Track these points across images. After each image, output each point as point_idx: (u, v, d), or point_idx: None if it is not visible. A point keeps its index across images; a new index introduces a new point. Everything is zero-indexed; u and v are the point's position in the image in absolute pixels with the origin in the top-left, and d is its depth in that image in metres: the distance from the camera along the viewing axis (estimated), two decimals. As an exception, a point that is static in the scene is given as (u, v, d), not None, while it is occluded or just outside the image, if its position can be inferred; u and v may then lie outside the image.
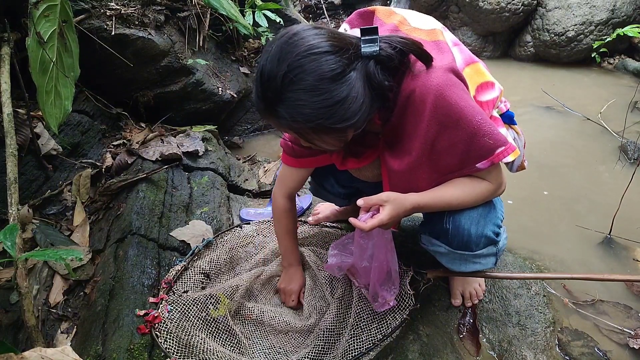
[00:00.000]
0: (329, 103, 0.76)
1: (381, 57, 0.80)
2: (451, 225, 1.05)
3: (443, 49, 0.92)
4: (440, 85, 0.85)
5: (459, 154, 0.92)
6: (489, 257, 1.12)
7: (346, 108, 0.78)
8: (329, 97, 0.76)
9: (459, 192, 0.98)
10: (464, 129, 0.88)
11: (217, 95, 2.44)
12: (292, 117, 0.79)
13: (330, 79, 0.76)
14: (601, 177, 2.18)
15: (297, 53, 0.76)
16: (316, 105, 0.76)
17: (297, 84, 0.76)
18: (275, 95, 0.78)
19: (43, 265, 1.42)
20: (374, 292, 1.12)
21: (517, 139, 1.19)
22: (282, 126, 0.84)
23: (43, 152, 1.66)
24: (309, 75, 0.75)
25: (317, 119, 0.78)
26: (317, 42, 0.77)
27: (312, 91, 0.76)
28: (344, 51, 0.77)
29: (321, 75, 0.75)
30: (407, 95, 0.88)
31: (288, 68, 0.75)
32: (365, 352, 1.11)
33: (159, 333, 1.14)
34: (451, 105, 0.86)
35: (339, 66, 0.76)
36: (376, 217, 0.91)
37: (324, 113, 0.77)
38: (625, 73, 3.66)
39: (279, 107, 0.79)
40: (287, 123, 0.81)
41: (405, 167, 0.97)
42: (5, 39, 1.54)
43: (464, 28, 4.37)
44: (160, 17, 2.14)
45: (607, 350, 1.26)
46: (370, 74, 0.80)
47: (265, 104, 0.81)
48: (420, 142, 0.92)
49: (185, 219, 1.62)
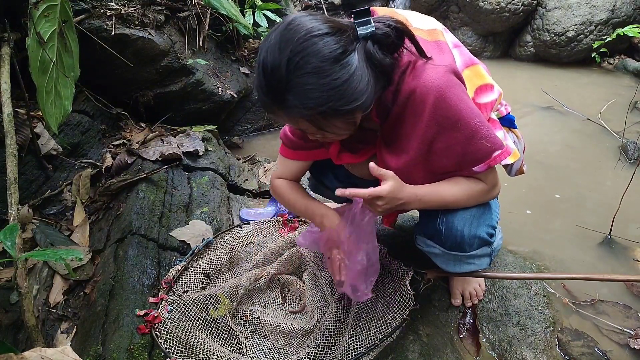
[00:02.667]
0: (337, 84, 0.76)
1: (378, 36, 0.80)
2: (444, 226, 1.05)
3: (443, 49, 0.92)
4: (441, 87, 0.85)
5: (456, 155, 0.92)
6: (483, 257, 1.12)
7: (354, 87, 0.77)
8: (336, 77, 0.76)
9: (454, 190, 0.98)
10: (462, 131, 0.88)
11: (217, 95, 2.44)
12: (303, 104, 0.78)
13: (334, 60, 0.75)
14: (601, 177, 2.18)
15: (297, 38, 0.75)
16: (325, 87, 0.76)
17: (303, 68, 0.75)
18: (282, 85, 0.77)
19: (43, 265, 1.42)
20: (353, 284, 1.06)
21: (517, 142, 1.19)
22: (292, 117, 0.82)
23: (43, 152, 1.66)
24: (313, 58, 0.75)
25: (327, 101, 0.77)
26: (315, 25, 0.77)
27: (319, 73, 0.75)
28: (342, 32, 0.78)
29: (325, 56, 0.75)
30: (407, 95, 0.88)
31: (291, 54, 0.75)
32: (365, 352, 1.11)
33: (159, 333, 1.14)
34: (451, 107, 0.86)
35: (340, 46, 0.76)
36: (378, 187, 0.89)
37: (333, 94, 0.76)
38: (625, 73, 3.66)
39: (288, 95, 0.78)
40: (298, 112, 0.79)
41: (401, 166, 0.97)
42: (5, 39, 1.54)
43: (464, 28, 4.37)
44: (160, 17, 2.15)
45: (607, 350, 1.26)
46: (370, 53, 0.80)
47: (272, 97, 0.80)
48: (417, 142, 0.92)
49: (185, 219, 1.62)
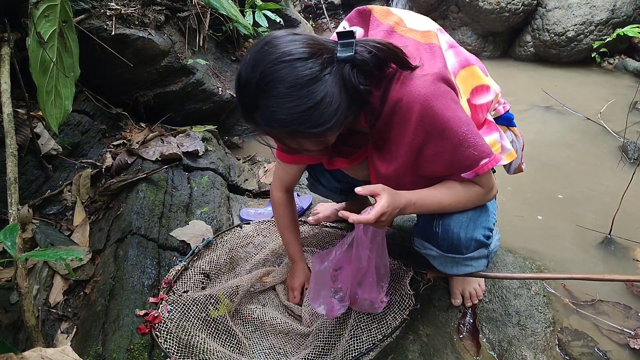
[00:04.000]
0: (302, 109, 0.77)
1: (357, 61, 0.81)
2: (440, 228, 1.05)
3: (435, 53, 0.91)
4: (427, 95, 0.85)
5: (444, 163, 0.92)
6: (480, 259, 1.12)
7: (320, 113, 0.78)
8: (302, 103, 0.76)
9: (450, 193, 0.98)
10: (449, 140, 0.88)
11: (217, 95, 2.44)
12: (267, 124, 0.80)
13: (302, 85, 0.76)
14: (601, 177, 2.18)
15: (268, 61, 0.77)
16: (290, 111, 0.77)
17: (269, 92, 0.77)
18: (250, 102, 0.80)
19: (43, 265, 1.42)
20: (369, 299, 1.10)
21: (516, 141, 1.18)
22: (260, 131, 0.86)
23: (43, 152, 1.66)
24: (281, 83, 0.76)
25: (291, 124, 0.78)
26: (289, 49, 0.77)
27: (284, 97, 0.76)
28: (317, 56, 0.78)
29: (293, 82, 0.76)
30: (394, 103, 0.88)
31: (260, 76, 0.77)
32: (365, 352, 1.11)
33: (159, 333, 1.14)
34: (437, 115, 0.86)
35: (312, 72, 0.77)
36: (376, 205, 0.89)
37: (297, 118, 0.78)
38: (625, 73, 3.66)
39: (254, 114, 0.81)
40: (264, 129, 0.83)
41: (391, 172, 0.98)
42: (5, 39, 1.54)
43: (464, 28, 4.37)
44: (160, 17, 2.15)
45: (607, 350, 1.26)
46: (345, 78, 0.80)
47: (243, 110, 0.84)
48: (405, 150, 0.92)
49: (185, 219, 1.62)
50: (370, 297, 1.09)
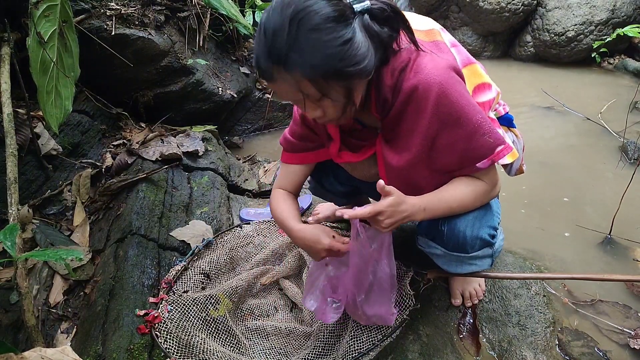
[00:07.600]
0: (339, 42, 0.76)
1: (374, 10, 0.81)
2: (446, 227, 1.05)
3: (442, 49, 0.92)
4: (443, 83, 0.85)
5: (459, 152, 0.92)
6: (485, 258, 1.12)
7: (355, 49, 0.77)
8: (338, 36, 0.76)
9: (457, 194, 0.98)
10: (464, 127, 0.89)
11: (217, 95, 2.44)
12: (306, 62, 0.76)
13: (335, 19, 0.76)
14: (601, 177, 2.18)
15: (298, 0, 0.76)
16: (327, 44, 0.76)
17: (306, 24, 0.75)
18: (284, 44, 0.76)
19: (43, 265, 1.42)
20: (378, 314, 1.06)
21: (516, 142, 1.19)
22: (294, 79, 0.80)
23: (43, 152, 1.66)
24: (316, 15, 0.75)
25: (331, 60, 0.76)
26: None
27: (322, 30, 0.75)
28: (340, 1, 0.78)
29: (327, 15, 0.75)
30: (409, 91, 0.88)
31: (293, 12, 0.75)
32: (365, 352, 1.11)
33: (159, 333, 1.14)
34: (453, 103, 0.86)
35: (341, 9, 0.77)
36: (376, 202, 0.88)
37: (336, 53, 0.76)
38: (625, 73, 3.66)
39: (290, 53, 0.76)
40: (302, 71, 0.77)
41: (404, 164, 0.97)
42: (5, 39, 1.54)
43: (464, 28, 4.37)
44: (160, 17, 2.15)
45: (607, 350, 1.26)
46: (367, 26, 0.80)
47: (274, 59, 0.78)
48: (420, 139, 0.92)
49: (185, 219, 1.62)
50: (380, 312, 1.05)
